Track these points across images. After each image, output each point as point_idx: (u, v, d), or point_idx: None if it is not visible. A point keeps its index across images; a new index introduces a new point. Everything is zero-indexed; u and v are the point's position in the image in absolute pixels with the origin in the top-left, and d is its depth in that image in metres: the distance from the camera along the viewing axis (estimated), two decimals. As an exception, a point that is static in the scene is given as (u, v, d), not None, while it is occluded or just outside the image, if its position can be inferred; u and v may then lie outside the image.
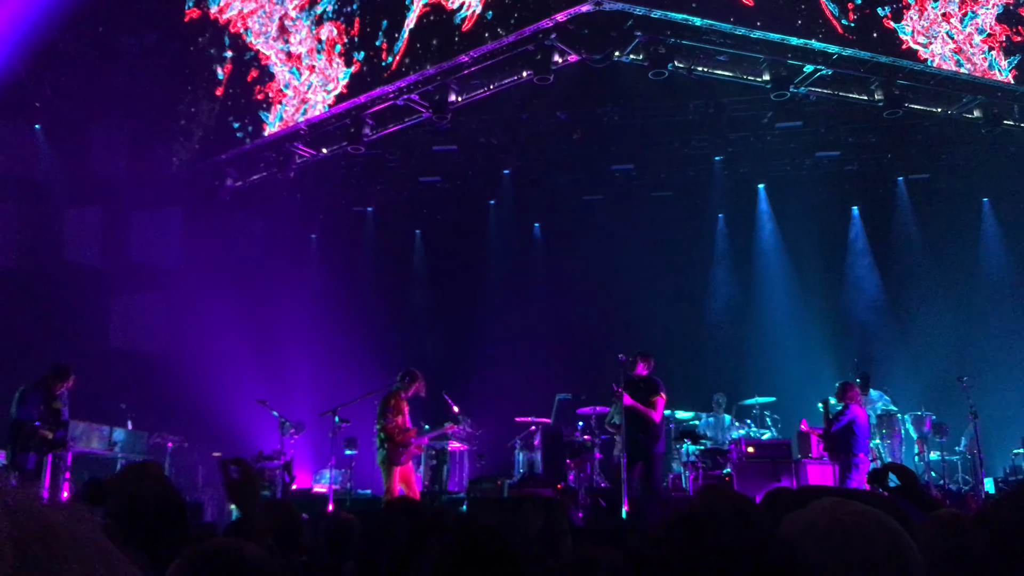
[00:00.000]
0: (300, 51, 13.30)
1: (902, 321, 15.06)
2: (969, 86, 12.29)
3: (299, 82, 13.23)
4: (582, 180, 16.15)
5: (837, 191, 15.80)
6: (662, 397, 9.52)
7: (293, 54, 13.38)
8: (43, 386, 9.67)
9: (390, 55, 12.13)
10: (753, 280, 16.02)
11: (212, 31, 14.46)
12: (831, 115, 13.85)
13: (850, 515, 1.41)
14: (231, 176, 14.74)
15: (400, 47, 12.01)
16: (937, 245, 15.06)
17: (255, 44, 13.89)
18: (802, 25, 11.15)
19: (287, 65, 13.42)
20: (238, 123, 13.94)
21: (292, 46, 13.40)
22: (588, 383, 12.22)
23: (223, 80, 14.24)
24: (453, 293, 16.57)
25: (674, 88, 13.07)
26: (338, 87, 12.73)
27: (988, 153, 14.07)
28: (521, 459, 12.27)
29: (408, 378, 9.67)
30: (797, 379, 13.59)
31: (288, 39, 13.47)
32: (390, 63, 12.13)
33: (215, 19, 14.35)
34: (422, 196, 16.75)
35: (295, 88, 13.27)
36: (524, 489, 10.03)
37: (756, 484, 10.53)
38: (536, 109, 13.96)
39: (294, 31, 13.41)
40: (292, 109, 13.27)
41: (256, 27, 13.93)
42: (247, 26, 14.04)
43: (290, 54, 13.41)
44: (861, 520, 1.40)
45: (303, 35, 13.30)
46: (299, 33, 13.34)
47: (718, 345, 15.24)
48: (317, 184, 15.76)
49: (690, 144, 15.04)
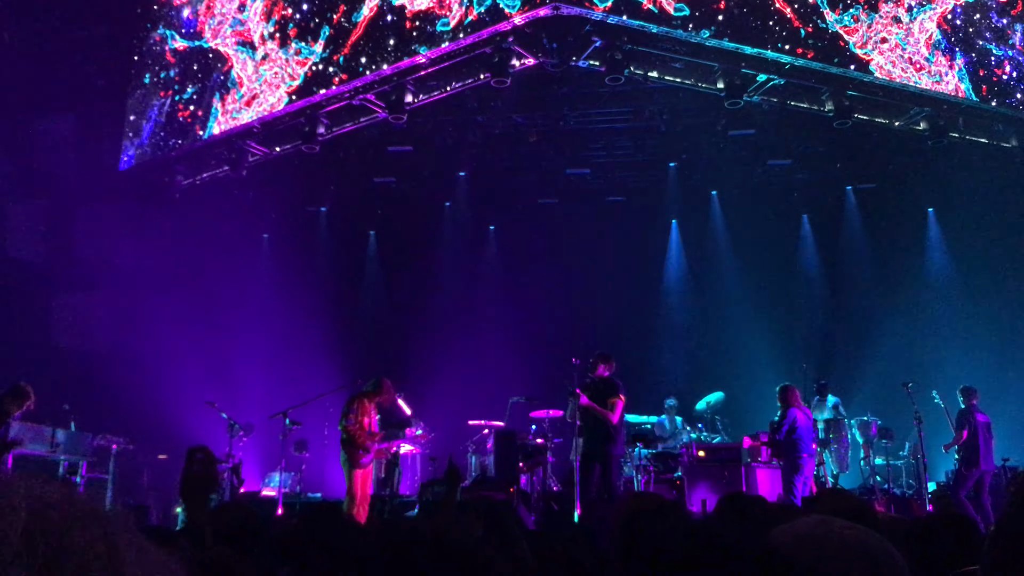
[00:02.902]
0: (254, 43, 13.11)
1: (850, 326, 15.34)
2: (916, 98, 12.58)
3: (251, 76, 13.04)
4: (537, 183, 16.18)
5: (788, 199, 16.06)
6: (621, 399, 9.45)
7: (246, 44, 13.19)
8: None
9: (339, 54, 12.01)
10: (705, 285, 16.19)
11: (164, 22, 14.22)
12: (782, 124, 14.06)
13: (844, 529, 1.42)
14: (181, 173, 14.47)
15: (347, 43, 11.91)
16: (884, 253, 15.40)
17: (209, 38, 13.68)
18: (758, 30, 11.30)
19: (239, 59, 13.22)
20: (189, 119, 13.70)
21: (245, 38, 13.21)
22: (541, 386, 12.23)
23: (175, 76, 13.99)
24: (407, 295, 16.48)
25: (629, 94, 13.18)
26: (291, 85, 12.56)
27: (934, 164, 14.39)
28: (474, 462, 12.25)
29: (377, 384, 9.59)
30: (747, 382, 13.79)
31: (242, 32, 13.28)
32: (343, 61, 12.01)
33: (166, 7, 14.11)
34: (376, 196, 16.63)
35: (248, 83, 13.07)
36: (476, 492, 10.00)
37: (707, 487, 10.66)
38: (492, 111, 13.95)
39: (249, 23, 13.22)
40: (241, 104, 13.07)
41: (212, 23, 13.72)
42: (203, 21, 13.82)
43: (243, 44, 13.22)
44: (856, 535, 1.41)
45: (256, 27, 13.12)
46: (252, 25, 13.16)
47: (670, 349, 15.40)
48: (270, 183, 15.54)
49: (645, 150, 15.17)
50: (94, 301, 13.83)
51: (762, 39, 11.33)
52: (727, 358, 14.80)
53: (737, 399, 13.57)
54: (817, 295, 16.00)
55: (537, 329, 15.38)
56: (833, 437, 12.35)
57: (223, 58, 13.42)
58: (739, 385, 13.85)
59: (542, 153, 15.31)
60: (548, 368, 12.64)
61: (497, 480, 10.62)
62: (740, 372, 14.18)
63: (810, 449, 10.19)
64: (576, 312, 15.29)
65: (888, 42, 11.86)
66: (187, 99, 13.79)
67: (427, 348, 15.33)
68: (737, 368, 14.37)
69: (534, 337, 15.33)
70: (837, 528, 1.44)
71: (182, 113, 13.81)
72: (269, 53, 12.87)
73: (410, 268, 16.65)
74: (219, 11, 13.64)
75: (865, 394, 13.66)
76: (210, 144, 13.71)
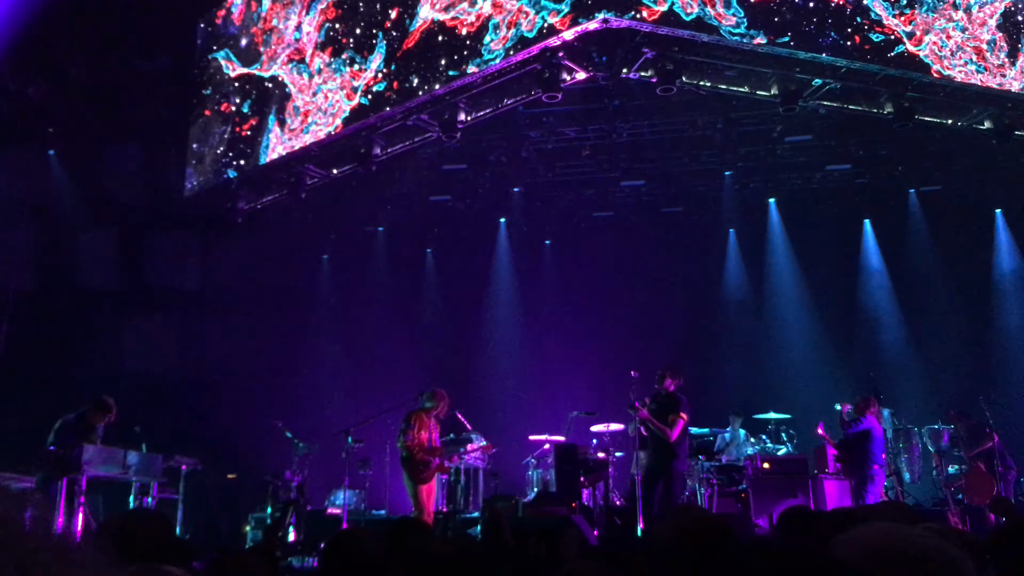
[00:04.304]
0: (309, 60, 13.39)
1: (917, 334, 14.96)
2: (979, 97, 12.21)
3: (307, 94, 13.30)
4: (592, 197, 16.17)
5: (848, 204, 15.76)
6: (683, 417, 9.28)
7: (301, 62, 13.47)
8: (82, 420, 9.44)
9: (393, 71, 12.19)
10: (766, 295, 15.96)
11: (222, 50, 14.61)
12: (841, 128, 13.82)
13: (914, 537, 1.39)
14: (243, 198, 14.81)
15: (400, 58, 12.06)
16: (951, 257, 14.98)
17: (265, 61, 14.01)
18: (812, 35, 11.14)
19: (295, 79, 13.51)
20: (248, 144, 14.03)
21: (300, 57, 13.50)
22: (602, 400, 12.17)
23: (235, 103, 14.35)
24: (465, 311, 16.57)
25: (683, 103, 13.09)
26: (347, 109, 12.78)
27: (1000, 163, 13.99)
28: (535, 477, 12.22)
29: (432, 396, 9.67)
30: (812, 394, 13.50)
31: (296, 51, 13.57)
32: (396, 79, 12.18)
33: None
34: (432, 215, 16.79)
35: (304, 102, 13.33)
36: (538, 508, 9.98)
37: (772, 500, 10.46)
38: (545, 126, 14.00)
39: (304, 41, 13.50)
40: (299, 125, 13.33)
41: (268, 47, 14.06)
42: (260, 47, 14.18)
43: (298, 63, 13.51)
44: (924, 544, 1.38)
45: (310, 45, 13.38)
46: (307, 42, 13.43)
47: (732, 360, 15.18)
48: (328, 205, 15.81)
49: (700, 159, 15.03)
50: (163, 325, 14.21)
51: (816, 43, 11.16)
52: (790, 368, 14.56)
53: (802, 409, 13.30)
54: (882, 301, 15.63)
55: (596, 343, 15.32)
56: (903, 447, 12.05)
57: (280, 82, 13.73)
58: (804, 394, 13.59)
59: (596, 166, 15.30)
60: (608, 382, 12.58)
61: (558, 495, 10.58)
62: (804, 382, 13.94)
63: (881, 460, 10.00)
64: (635, 325, 15.20)
65: (948, 38, 11.58)
66: (246, 124, 14.12)
67: (487, 364, 15.40)
68: (800, 378, 14.12)
69: (594, 351, 15.28)
70: (909, 535, 1.39)
71: (242, 139, 14.15)
72: (324, 69, 13.11)
73: (467, 285, 16.75)
74: (275, 36, 13.96)
75: (935, 403, 13.29)
76: (269, 168, 14.00)
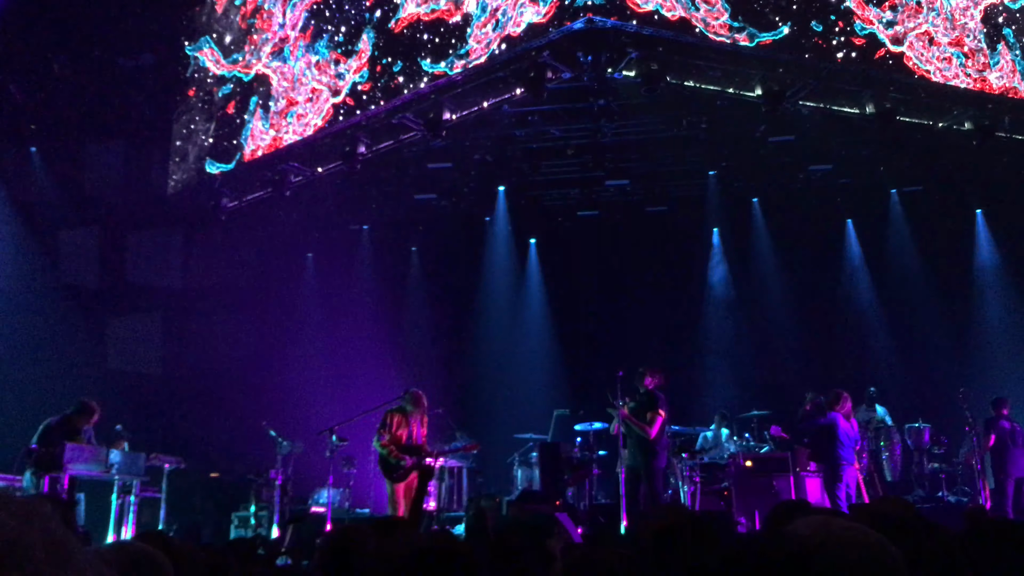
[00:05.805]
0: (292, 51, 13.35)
1: (898, 333, 15.07)
2: (960, 99, 12.34)
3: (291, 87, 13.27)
4: (577, 196, 16.18)
5: (831, 204, 15.84)
6: (660, 414, 9.43)
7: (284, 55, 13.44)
8: (66, 423, 9.50)
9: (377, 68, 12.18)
10: (749, 294, 16.03)
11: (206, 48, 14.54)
12: (823, 128, 13.90)
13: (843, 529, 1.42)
14: (227, 196, 14.75)
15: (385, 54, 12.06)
16: (932, 256, 15.08)
17: (248, 57, 13.96)
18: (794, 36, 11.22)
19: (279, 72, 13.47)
20: (232, 141, 13.98)
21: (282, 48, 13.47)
22: (586, 399, 12.21)
23: (218, 100, 14.29)
24: (449, 310, 16.56)
25: (667, 103, 13.12)
26: (330, 105, 12.76)
27: (981, 164, 14.11)
28: (519, 476, 12.25)
29: (411, 399, 9.66)
30: (794, 393, 13.56)
31: (280, 44, 13.53)
32: (380, 80, 12.18)
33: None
34: (417, 213, 16.76)
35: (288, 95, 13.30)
36: (523, 506, 10.00)
37: (755, 498, 10.53)
38: (530, 125, 14.00)
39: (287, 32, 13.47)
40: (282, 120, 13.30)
41: (252, 44, 14.01)
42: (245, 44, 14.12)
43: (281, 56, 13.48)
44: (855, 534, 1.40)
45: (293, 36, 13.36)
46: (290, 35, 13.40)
47: (715, 358, 15.25)
48: (312, 202, 15.76)
49: (684, 159, 15.07)
50: (145, 324, 14.15)
51: (798, 44, 11.24)
52: (772, 366, 14.63)
53: (785, 407, 13.37)
54: (864, 300, 15.74)
55: (581, 342, 15.36)
56: (884, 444, 12.14)
57: (263, 77, 13.68)
58: (786, 392, 13.65)
59: (581, 165, 15.31)
60: (592, 381, 12.63)
61: (543, 493, 10.61)
62: (786, 380, 13.99)
63: (849, 457, 9.95)
64: (620, 323, 15.25)
65: (930, 39, 11.68)
66: (230, 121, 14.07)
67: (472, 362, 15.40)
68: (783, 377, 14.19)
69: (578, 350, 15.31)
70: (837, 527, 1.42)
71: (226, 136, 14.09)
72: (307, 60, 13.09)
73: (452, 283, 16.75)
74: (259, 31, 13.91)
75: (915, 400, 13.39)
76: (253, 166, 13.96)
